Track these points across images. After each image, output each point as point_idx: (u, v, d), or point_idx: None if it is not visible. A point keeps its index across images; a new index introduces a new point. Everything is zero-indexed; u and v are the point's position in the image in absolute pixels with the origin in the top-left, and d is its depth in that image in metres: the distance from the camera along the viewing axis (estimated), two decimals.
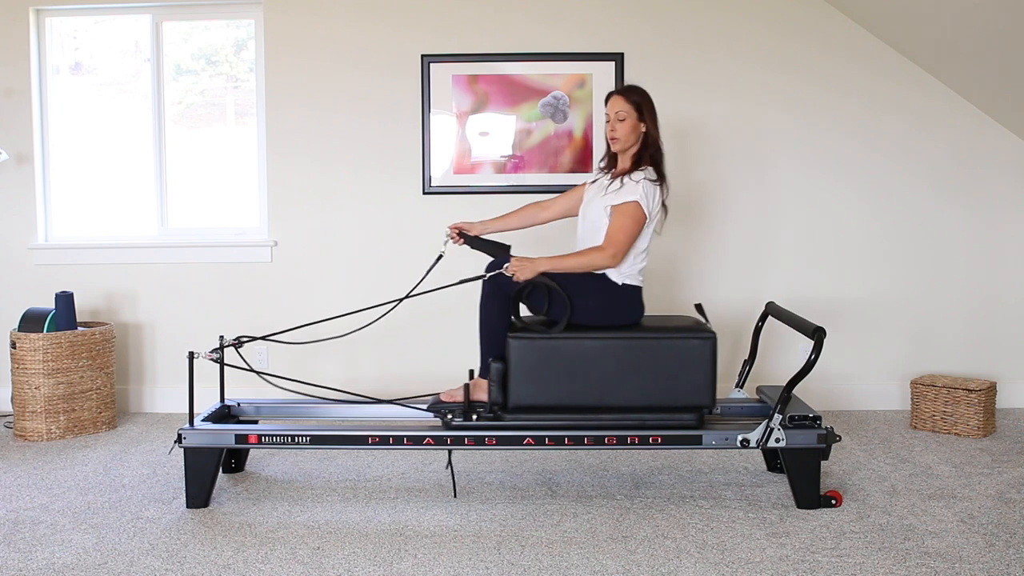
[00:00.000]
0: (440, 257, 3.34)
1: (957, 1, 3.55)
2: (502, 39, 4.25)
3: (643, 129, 3.15)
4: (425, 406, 3.17)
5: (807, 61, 4.25)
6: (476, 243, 3.33)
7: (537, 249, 3.90)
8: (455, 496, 3.12)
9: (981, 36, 3.66)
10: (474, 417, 3.05)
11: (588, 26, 4.25)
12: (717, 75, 4.26)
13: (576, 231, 3.29)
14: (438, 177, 4.30)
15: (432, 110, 4.27)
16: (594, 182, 3.30)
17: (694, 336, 3.04)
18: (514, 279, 3.03)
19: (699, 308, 3.40)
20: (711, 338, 3.03)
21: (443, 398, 3.12)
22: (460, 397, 3.09)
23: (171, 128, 4.44)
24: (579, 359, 3.02)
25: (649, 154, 3.14)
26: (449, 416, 3.05)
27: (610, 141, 3.19)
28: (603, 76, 4.22)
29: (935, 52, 4.07)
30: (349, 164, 4.32)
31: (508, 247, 3.32)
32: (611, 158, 3.27)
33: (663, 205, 3.16)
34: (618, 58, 4.24)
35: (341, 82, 4.29)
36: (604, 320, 3.09)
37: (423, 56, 4.25)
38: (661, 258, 4.30)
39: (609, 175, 3.22)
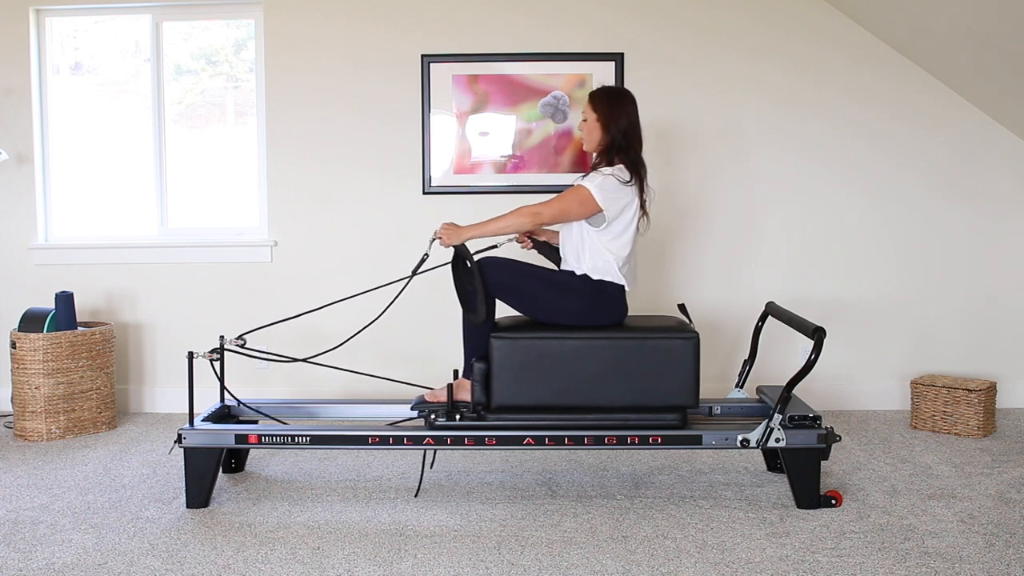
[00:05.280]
0: (496, 247, 3.35)
1: (958, 2, 3.55)
2: (502, 39, 4.26)
3: (602, 131, 3.15)
4: (409, 406, 3.18)
5: (808, 61, 4.25)
6: (543, 249, 3.40)
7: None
8: (416, 496, 3.12)
9: (982, 36, 3.66)
10: (457, 417, 3.06)
11: (588, 26, 4.25)
12: (717, 74, 4.26)
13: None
14: (438, 177, 4.30)
15: (432, 110, 4.27)
16: None
17: (677, 336, 3.04)
18: (440, 243, 3.09)
19: (682, 308, 3.40)
20: (694, 338, 3.04)
21: (427, 398, 3.13)
22: (444, 397, 3.10)
23: (171, 128, 4.44)
24: (562, 359, 3.02)
25: (615, 154, 3.14)
26: (432, 416, 3.06)
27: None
28: (603, 76, 4.22)
29: (936, 52, 4.07)
30: (349, 164, 4.32)
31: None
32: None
33: (643, 209, 3.15)
34: (618, 58, 4.24)
35: (341, 82, 4.29)
36: (587, 320, 3.09)
37: (423, 56, 4.25)
38: (661, 258, 4.30)
39: None
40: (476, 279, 3.02)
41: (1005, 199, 4.29)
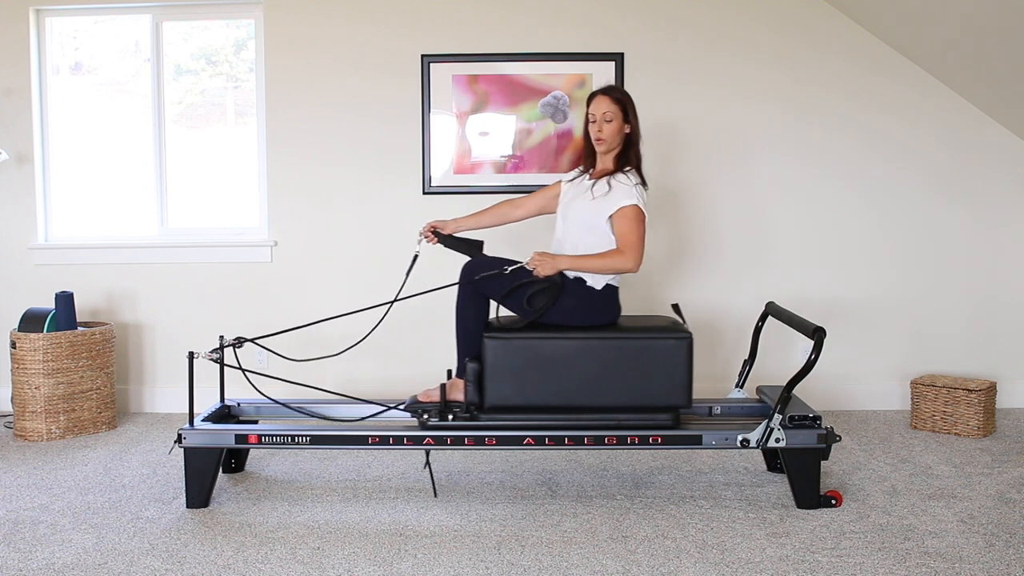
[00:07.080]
0: (416, 257, 3.36)
1: (958, 2, 3.55)
2: (502, 39, 4.25)
3: (627, 130, 3.16)
4: (403, 406, 3.17)
5: (808, 61, 4.25)
6: (449, 241, 3.34)
7: (508, 248, 3.91)
8: (435, 496, 3.12)
9: (982, 36, 3.66)
10: (450, 417, 3.06)
11: (588, 26, 4.25)
12: (717, 75, 4.26)
13: (554, 230, 3.26)
14: (438, 177, 4.30)
15: (432, 110, 4.27)
16: (571, 180, 3.32)
17: (670, 336, 3.04)
18: (535, 273, 3.05)
19: (676, 308, 3.40)
20: (687, 338, 3.04)
21: (420, 398, 3.13)
22: (437, 397, 3.09)
23: (171, 128, 4.44)
24: (555, 359, 3.02)
25: (632, 154, 3.16)
26: (425, 416, 3.06)
27: (595, 142, 3.18)
28: (603, 76, 4.22)
29: (935, 52, 4.07)
30: (349, 164, 4.32)
31: (481, 243, 3.31)
32: (590, 158, 3.27)
33: None
34: (618, 58, 4.24)
35: (341, 82, 4.29)
36: (581, 320, 3.09)
37: (423, 56, 4.25)
38: (660, 258, 4.30)
39: (589, 175, 3.23)
40: (550, 301, 3.03)
41: (1005, 199, 4.29)
